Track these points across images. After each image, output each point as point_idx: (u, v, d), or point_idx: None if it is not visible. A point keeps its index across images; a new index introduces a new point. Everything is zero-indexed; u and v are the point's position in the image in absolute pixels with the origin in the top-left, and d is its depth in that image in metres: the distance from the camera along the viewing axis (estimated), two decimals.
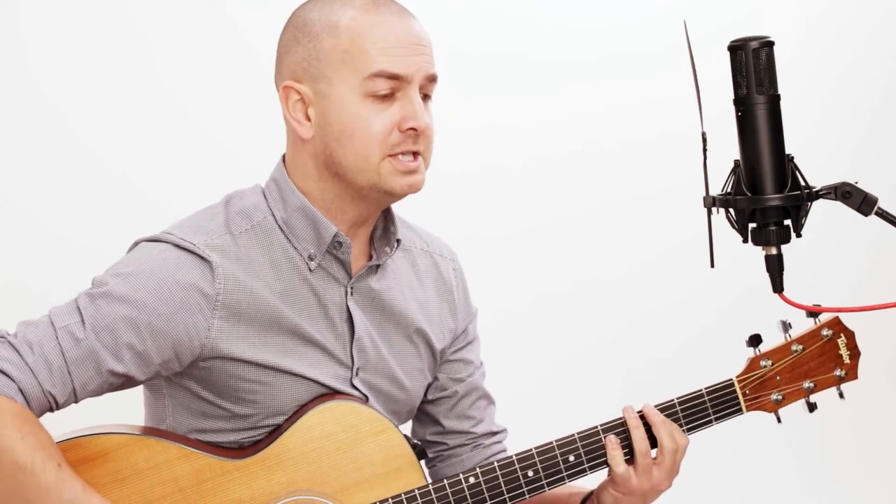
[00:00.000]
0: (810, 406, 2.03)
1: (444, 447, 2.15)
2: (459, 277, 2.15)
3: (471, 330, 2.17)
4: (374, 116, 1.86)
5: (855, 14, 3.88)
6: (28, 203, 3.14)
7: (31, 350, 1.79)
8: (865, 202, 1.80)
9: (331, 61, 1.86)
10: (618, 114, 3.68)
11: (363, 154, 1.86)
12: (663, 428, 1.96)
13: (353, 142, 1.86)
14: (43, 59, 3.17)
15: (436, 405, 2.14)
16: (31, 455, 1.74)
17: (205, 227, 1.90)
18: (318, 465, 1.91)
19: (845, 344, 2.02)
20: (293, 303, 1.92)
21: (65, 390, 1.81)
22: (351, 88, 1.86)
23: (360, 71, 1.85)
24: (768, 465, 3.78)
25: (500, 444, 2.18)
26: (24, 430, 1.75)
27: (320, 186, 1.92)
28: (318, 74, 1.87)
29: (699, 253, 1.88)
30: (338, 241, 1.92)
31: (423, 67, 1.89)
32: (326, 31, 1.87)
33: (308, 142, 1.90)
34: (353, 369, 1.98)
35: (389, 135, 1.87)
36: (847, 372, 2.02)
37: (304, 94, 1.88)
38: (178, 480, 1.86)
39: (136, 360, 1.84)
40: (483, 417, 2.16)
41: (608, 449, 1.96)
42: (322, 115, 1.88)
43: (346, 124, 1.86)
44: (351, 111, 1.86)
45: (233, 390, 1.90)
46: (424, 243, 2.12)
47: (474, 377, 2.16)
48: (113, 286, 1.84)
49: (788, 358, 2.01)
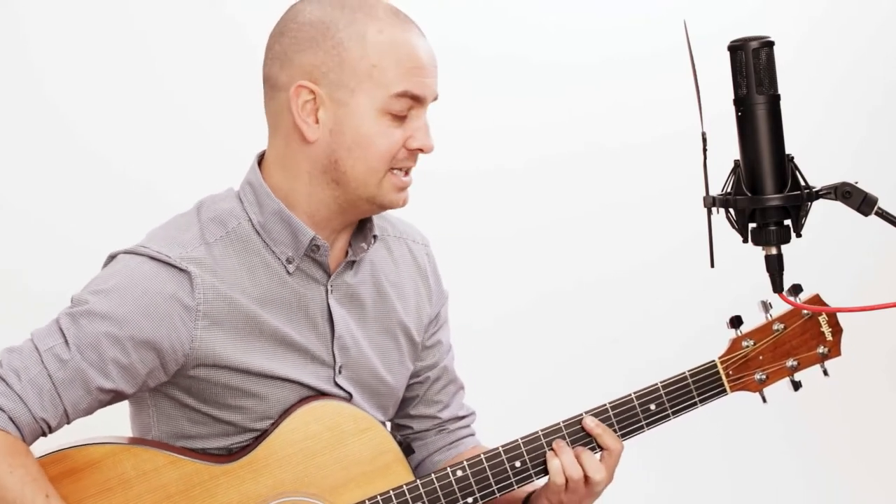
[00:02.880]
0: (795, 385, 2.04)
1: (409, 430, 2.17)
2: (432, 262, 2.16)
3: (443, 313, 2.18)
4: (388, 133, 1.87)
5: (857, 14, 3.88)
6: (28, 202, 3.14)
7: (17, 378, 1.79)
8: (865, 202, 1.79)
9: (356, 72, 1.86)
10: (618, 114, 3.68)
11: (373, 168, 1.88)
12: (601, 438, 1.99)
13: (367, 155, 1.87)
14: (43, 59, 3.17)
15: (407, 391, 2.15)
16: (21, 489, 1.76)
17: (179, 240, 1.90)
18: (305, 466, 1.92)
19: (826, 321, 2.02)
20: (272, 307, 1.92)
21: (56, 413, 1.81)
22: (373, 103, 1.86)
23: (386, 88, 1.86)
24: (768, 466, 3.78)
25: (467, 427, 2.20)
26: (13, 464, 1.76)
27: (309, 190, 1.91)
28: (339, 82, 1.86)
29: (699, 253, 1.88)
30: (315, 244, 1.92)
31: (434, 89, 1.92)
32: (353, 41, 1.86)
33: (311, 144, 1.89)
34: (336, 368, 1.98)
35: (398, 152, 1.89)
36: (830, 349, 2.03)
37: (318, 96, 1.87)
38: (167, 487, 1.87)
39: (123, 375, 1.84)
40: (450, 403, 2.18)
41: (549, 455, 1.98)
42: (336, 123, 1.87)
43: (363, 137, 1.87)
44: (369, 126, 1.86)
45: (218, 397, 1.91)
46: (397, 230, 2.13)
47: (445, 360, 2.17)
48: (93, 304, 1.84)
49: (770, 337, 2.02)
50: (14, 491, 1.75)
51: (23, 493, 1.75)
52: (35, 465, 1.79)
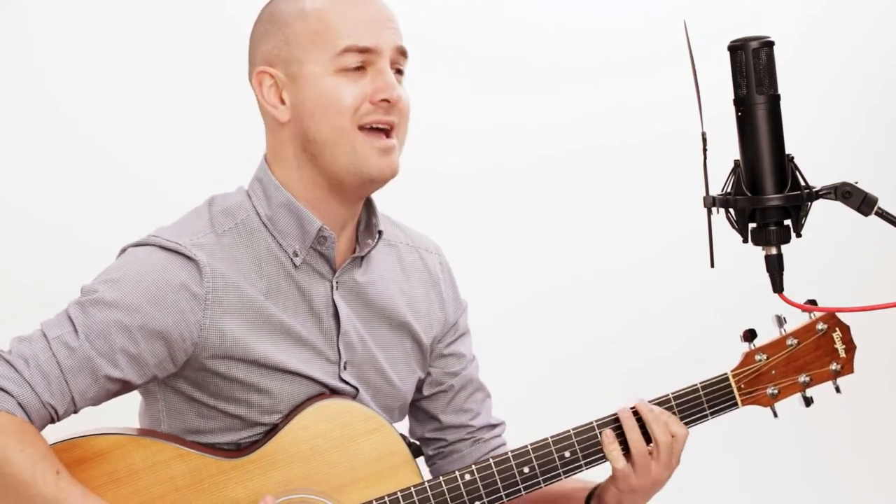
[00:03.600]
0: (806, 400, 2.04)
1: (443, 443, 2.16)
2: (446, 271, 2.16)
3: (461, 323, 2.17)
4: (345, 88, 1.89)
5: (855, 14, 3.88)
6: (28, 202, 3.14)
7: (26, 364, 1.80)
8: (865, 202, 1.80)
9: (301, 43, 1.90)
10: (618, 113, 3.68)
11: (337, 126, 1.88)
12: (656, 424, 1.96)
13: (327, 114, 1.88)
14: (44, 59, 3.17)
15: (432, 401, 2.14)
16: (32, 468, 1.76)
17: (189, 228, 1.91)
18: (314, 464, 1.91)
19: (840, 338, 2.02)
20: (278, 300, 1.92)
21: (63, 400, 1.82)
22: (323, 67, 1.89)
23: (329, 48, 1.88)
24: (768, 467, 3.78)
25: (499, 437, 2.19)
26: (24, 443, 1.77)
27: (299, 175, 1.93)
28: (289, 58, 1.90)
29: (699, 253, 1.88)
30: (322, 235, 1.93)
31: (392, 40, 1.92)
32: (294, 17, 1.91)
33: (285, 125, 1.92)
34: (341, 363, 1.98)
35: (361, 106, 1.89)
36: (843, 366, 2.03)
37: (276, 77, 1.91)
38: (175, 480, 1.87)
39: (132, 364, 1.85)
40: (480, 410, 2.17)
41: (605, 444, 1.97)
42: (296, 96, 1.90)
43: (319, 98, 1.89)
44: (323, 86, 1.89)
45: (226, 390, 1.91)
46: (409, 239, 2.13)
47: (468, 370, 2.16)
48: (102, 293, 1.84)
49: (784, 352, 2.02)
50: (25, 469, 1.75)
51: (34, 471, 1.75)
52: (44, 444, 1.79)
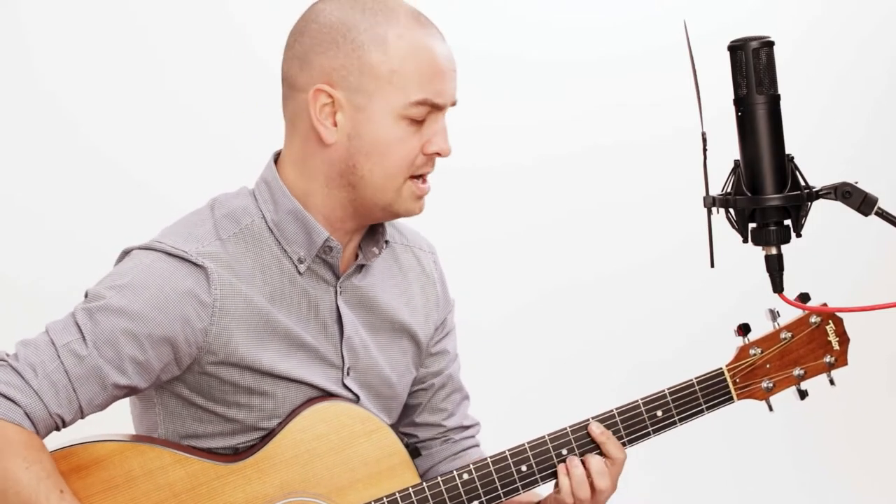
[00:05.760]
0: (801, 393, 2.04)
1: (414, 439, 2.16)
2: (439, 270, 2.16)
3: (449, 320, 2.17)
4: (407, 139, 1.87)
5: (855, 14, 3.88)
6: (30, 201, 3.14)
7: (34, 373, 1.79)
8: (865, 202, 1.80)
9: (375, 77, 1.84)
10: (617, 113, 3.68)
11: (392, 174, 1.87)
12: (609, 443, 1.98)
13: (385, 161, 1.86)
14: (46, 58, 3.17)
15: (411, 398, 2.14)
16: (37, 486, 1.76)
17: (194, 235, 1.89)
18: (312, 467, 1.91)
19: (834, 331, 2.03)
20: (283, 306, 1.92)
21: (71, 409, 1.81)
22: (391, 108, 1.85)
23: (405, 95, 1.84)
24: (768, 468, 3.78)
25: (471, 438, 2.19)
26: (30, 459, 1.76)
27: (325, 192, 1.91)
28: (357, 85, 1.85)
29: (699, 253, 1.88)
30: (328, 245, 1.92)
31: (454, 93, 1.91)
32: (373, 44, 1.84)
33: (328, 147, 1.88)
34: (344, 369, 1.98)
35: (416, 158, 1.88)
36: (837, 358, 2.03)
37: (336, 100, 1.86)
38: (173, 486, 1.86)
39: (139, 371, 1.84)
40: (455, 411, 2.17)
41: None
42: (353, 127, 1.86)
43: (381, 143, 1.86)
44: (388, 131, 1.85)
45: (228, 395, 1.90)
46: (404, 238, 2.12)
47: (450, 369, 2.16)
48: (110, 299, 1.83)
49: (777, 345, 2.02)
50: (30, 487, 1.75)
51: (38, 490, 1.75)
52: (50, 461, 1.79)
